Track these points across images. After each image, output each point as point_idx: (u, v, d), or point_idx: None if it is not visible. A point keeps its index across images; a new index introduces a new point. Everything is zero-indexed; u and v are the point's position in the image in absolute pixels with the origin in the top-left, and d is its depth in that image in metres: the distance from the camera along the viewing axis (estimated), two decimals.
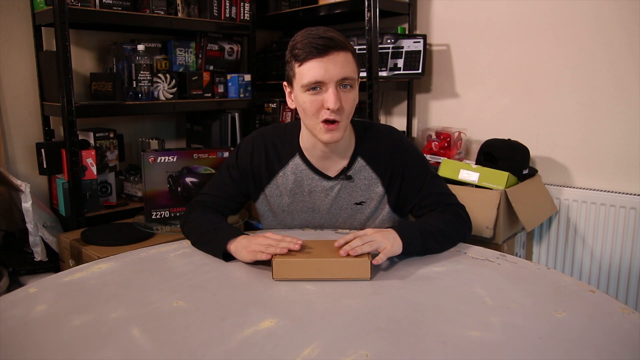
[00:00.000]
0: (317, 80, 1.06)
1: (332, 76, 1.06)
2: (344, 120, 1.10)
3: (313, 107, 1.09)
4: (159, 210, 1.83)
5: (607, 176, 1.94)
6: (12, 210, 2.06)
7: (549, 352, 0.70)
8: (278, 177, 1.24)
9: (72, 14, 1.84)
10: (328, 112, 1.07)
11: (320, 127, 1.10)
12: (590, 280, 1.97)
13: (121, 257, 1.07)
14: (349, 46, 1.09)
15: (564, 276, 0.96)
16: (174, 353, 0.70)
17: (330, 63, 1.05)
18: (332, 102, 1.06)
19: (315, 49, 1.05)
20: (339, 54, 1.06)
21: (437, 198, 1.21)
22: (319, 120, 1.09)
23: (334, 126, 1.09)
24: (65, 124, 1.85)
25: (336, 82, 1.07)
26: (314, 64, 1.06)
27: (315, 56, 1.05)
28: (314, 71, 1.06)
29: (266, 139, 1.26)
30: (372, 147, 1.22)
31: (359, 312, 0.82)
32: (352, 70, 1.08)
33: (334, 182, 1.23)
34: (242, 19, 2.38)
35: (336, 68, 1.06)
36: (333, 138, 1.10)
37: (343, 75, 1.06)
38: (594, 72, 1.92)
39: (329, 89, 1.06)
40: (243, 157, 1.26)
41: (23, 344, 0.73)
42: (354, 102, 1.12)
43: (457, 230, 1.16)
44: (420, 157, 1.25)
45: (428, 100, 2.40)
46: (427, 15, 2.33)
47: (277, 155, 1.24)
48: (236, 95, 2.39)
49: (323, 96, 1.07)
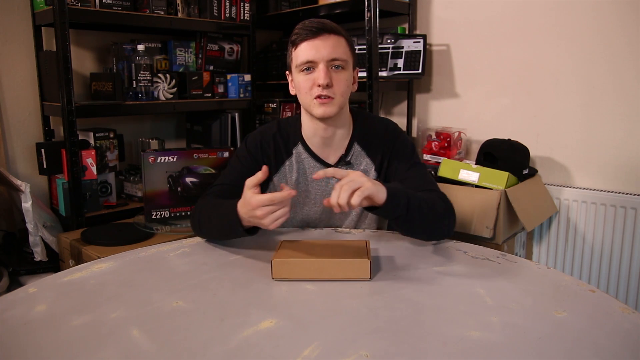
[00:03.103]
0: (308, 59, 1.15)
1: (323, 56, 1.14)
2: (337, 97, 1.17)
3: (306, 85, 1.17)
4: (159, 210, 1.83)
5: (607, 176, 1.94)
6: (12, 210, 2.06)
7: (549, 352, 0.70)
8: (285, 166, 1.28)
9: (72, 14, 1.84)
10: (319, 89, 1.15)
11: (314, 102, 1.17)
12: (590, 280, 1.97)
13: (121, 257, 1.07)
14: (341, 32, 1.17)
15: (564, 276, 0.96)
16: (174, 353, 0.70)
17: (321, 44, 1.14)
18: (322, 78, 1.13)
19: (308, 31, 1.15)
20: (329, 36, 1.15)
21: (418, 183, 1.19)
22: (312, 96, 1.17)
23: (327, 100, 1.16)
24: (65, 124, 1.85)
25: (327, 62, 1.14)
26: (306, 45, 1.15)
27: (308, 38, 1.15)
28: (306, 52, 1.15)
29: (272, 130, 1.30)
30: (367, 133, 1.28)
31: (359, 312, 0.82)
32: (342, 52, 1.16)
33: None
34: (242, 19, 2.38)
35: (326, 48, 1.14)
36: (326, 112, 1.16)
37: (333, 55, 1.14)
38: (594, 72, 1.92)
39: (319, 67, 1.14)
40: (253, 145, 1.29)
41: (23, 344, 0.73)
42: (347, 83, 1.19)
43: (442, 208, 1.12)
44: (410, 144, 1.28)
45: (428, 100, 2.40)
46: (427, 15, 2.33)
47: (283, 145, 1.28)
48: (236, 95, 2.39)
49: (315, 75, 1.15)
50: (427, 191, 1.17)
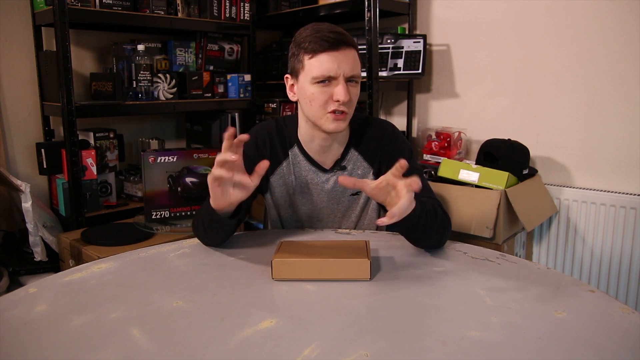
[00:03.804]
0: (329, 74, 1.10)
1: (345, 71, 1.10)
2: (349, 112, 1.15)
3: (322, 98, 1.12)
4: (159, 210, 1.83)
5: (607, 176, 1.94)
6: (12, 210, 2.07)
7: (549, 352, 0.70)
8: (282, 167, 1.26)
9: (72, 14, 1.84)
10: (337, 104, 1.11)
11: (328, 117, 1.13)
12: (590, 280, 1.97)
13: (121, 257, 1.07)
14: (355, 44, 1.14)
15: (564, 276, 0.96)
16: (174, 353, 0.70)
17: (343, 58, 1.10)
18: (343, 95, 1.09)
19: (327, 42, 1.09)
20: (350, 50, 1.11)
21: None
22: (326, 110, 1.13)
23: (341, 116, 1.13)
24: (65, 124, 1.85)
25: (346, 78, 1.10)
26: (325, 57, 1.09)
27: (327, 49, 1.09)
28: (326, 64, 1.09)
29: (269, 130, 1.28)
30: (365, 138, 1.25)
31: (359, 312, 0.82)
32: (359, 68, 1.14)
33: (330, 175, 1.25)
34: (242, 19, 2.38)
35: (348, 64, 1.10)
36: (339, 128, 1.14)
37: (353, 72, 1.11)
38: (594, 72, 1.92)
39: (340, 83, 1.10)
40: (249, 147, 1.25)
41: (23, 344, 0.73)
42: (357, 98, 1.17)
43: (441, 219, 1.10)
44: (408, 149, 1.26)
45: (428, 100, 2.40)
46: (427, 15, 2.33)
47: (280, 145, 1.26)
48: (236, 95, 2.39)
49: (332, 89, 1.11)
50: (425, 198, 1.14)
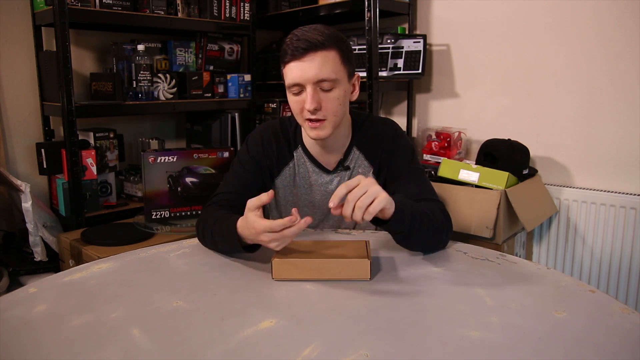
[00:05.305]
0: (295, 82, 1.08)
1: (309, 78, 1.07)
2: (329, 118, 1.12)
3: (296, 107, 1.12)
4: (159, 210, 1.83)
5: (607, 176, 1.94)
6: (12, 210, 2.06)
7: (549, 352, 0.70)
8: (288, 168, 1.26)
9: (72, 14, 1.84)
10: (308, 113, 1.10)
11: (307, 125, 1.13)
12: (590, 280, 1.97)
13: (121, 257, 1.07)
14: (332, 43, 1.07)
15: (564, 276, 0.96)
16: (174, 353, 0.70)
17: (307, 65, 1.07)
18: (308, 103, 1.08)
19: (294, 50, 1.07)
20: (316, 54, 1.06)
21: (417, 189, 1.16)
22: (303, 118, 1.13)
23: (318, 124, 1.11)
24: (65, 124, 1.85)
25: (314, 84, 1.08)
26: (293, 65, 1.08)
27: (294, 58, 1.08)
28: (292, 73, 1.08)
29: (274, 129, 1.27)
30: (367, 137, 1.24)
31: (359, 312, 0.82)
32: (331, 70, 1.07)
33: (333, 175, 1.25)
34: (242, 19, 2.38)
35: (312, 70, 1.06)
36: (318, 135, 1.13)
37: (319, 77, 1.07)
38: (594, 72, 1.92)
39: (307, 90, 1.08)
40: (254, 147, 1.25)
41: (23, 343, 0.73)
42: (340, 101, 1.11)
43: (441, 223, 1.08)
44: (409, 148, 1.24)
45: (428, 100, 2.40)
46: (427, 15, 2.33)
47: (286, 146, 1.26)
48: (236, 95, 2.39)
49: (303, 97, 1.10)
50: (426, 200, 1.14)
